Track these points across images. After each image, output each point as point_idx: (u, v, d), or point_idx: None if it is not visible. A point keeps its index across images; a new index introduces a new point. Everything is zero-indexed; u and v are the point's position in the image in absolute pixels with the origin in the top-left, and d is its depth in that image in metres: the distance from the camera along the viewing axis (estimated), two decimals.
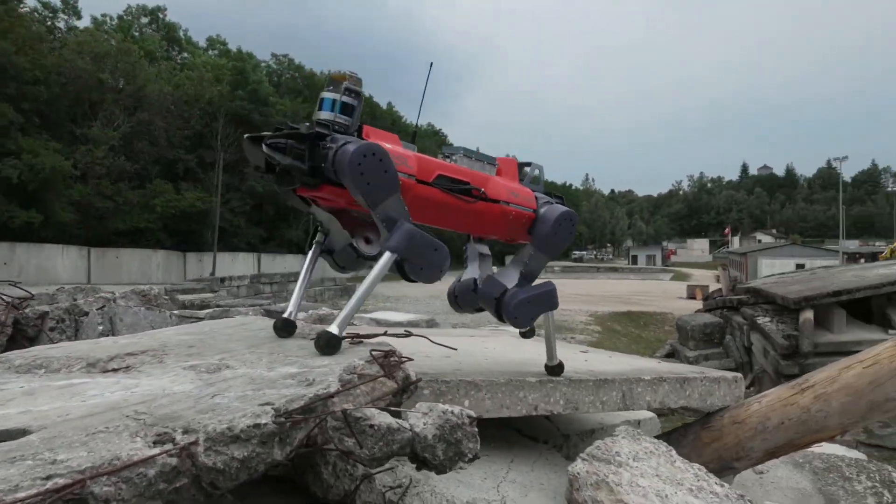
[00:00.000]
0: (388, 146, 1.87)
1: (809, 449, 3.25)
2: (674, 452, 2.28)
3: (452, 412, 1.39)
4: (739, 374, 2.77)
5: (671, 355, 16.40)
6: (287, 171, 1.79)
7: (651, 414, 3.70)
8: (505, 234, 2.22)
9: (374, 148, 1.77)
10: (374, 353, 1.61)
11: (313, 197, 1.90)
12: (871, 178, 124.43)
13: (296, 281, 2.10)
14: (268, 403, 1.31)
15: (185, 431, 1.19)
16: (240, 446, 1.19)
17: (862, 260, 29.43)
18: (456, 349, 2.51)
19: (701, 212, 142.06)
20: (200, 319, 4.30)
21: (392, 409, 1.45)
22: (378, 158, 1.77)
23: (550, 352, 2.42)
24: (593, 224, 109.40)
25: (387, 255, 1.79)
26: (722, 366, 14.82)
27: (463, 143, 2.36)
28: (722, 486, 2.12)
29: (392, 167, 1.80)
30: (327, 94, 1.89)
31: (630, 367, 2.87)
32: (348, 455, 1.34)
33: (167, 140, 36.90)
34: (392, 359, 1.65)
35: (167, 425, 1.21)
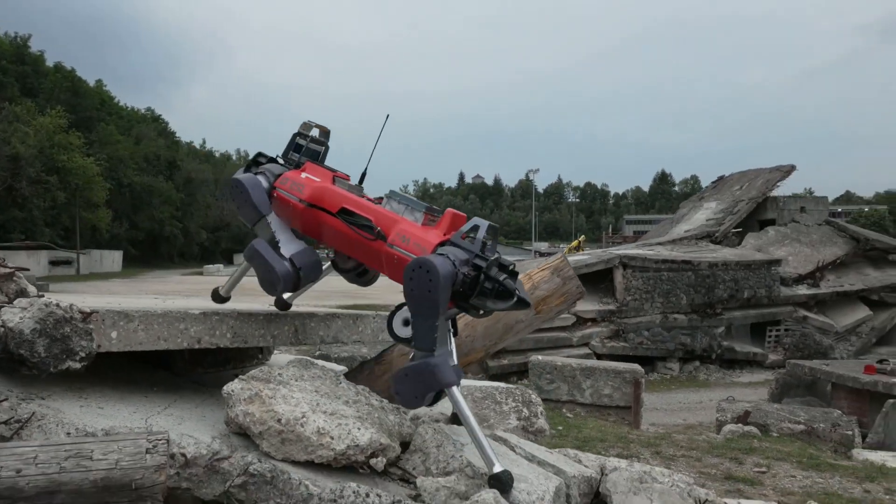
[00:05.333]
0: (303, 177, 2.34)
1: (473, 384, 3.71)
2: (342, 377, 2.41)
3: (58, 305, 1.27)
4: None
5: None
6: None
7: (344, 368, 3.85)
8: (398, 279, 2.08)
9: (237, 182, 2.34)
10: None
11: None
12: (557, 191, 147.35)
13: None
14: None
15: None
16: None
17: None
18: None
19: None
20: None
21: None
22: (239, 190, 2.33)
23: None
24: None
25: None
26: None
27: (185, 134, 2.49)
28: (380, 401, 2.30)
29: (253, 199, 2.30)
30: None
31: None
32: None
33: None
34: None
35: None
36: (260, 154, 2.51)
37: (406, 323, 2.14)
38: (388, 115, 2.51)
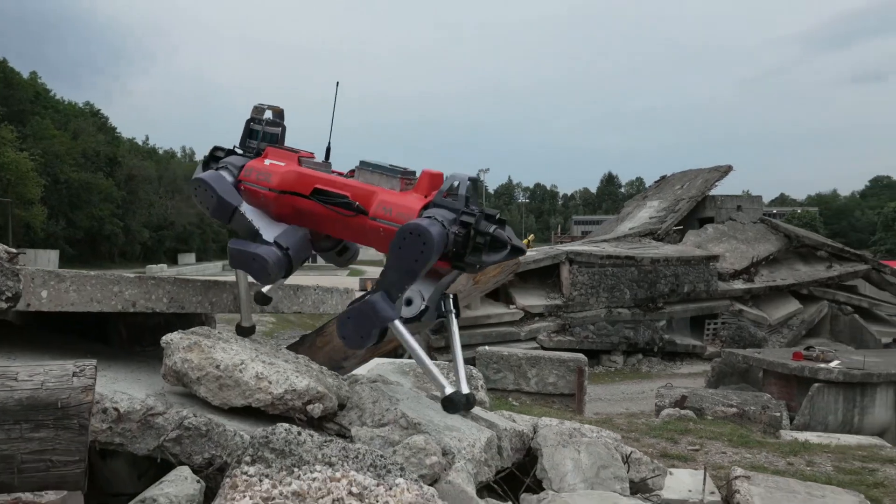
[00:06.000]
0: (267, 164, 2.25)
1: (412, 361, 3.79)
2: (283, 346, 2.44)
3: None
4: (351, 287, 3.09)
5: None
6: None
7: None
8: (386, 251, 2.02)
9: (198, 182, 2.22)
10: None
11: None
12: (507, 191, 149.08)
13: None
14: None
15: None
16: None
17: None
18: None
19: None
20: None
21: None
22: (203, 189, 2.22)
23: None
24: None
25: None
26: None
27: (126, 130, 2.35)
28: (319, 367, 2.34)
29: (220, 194, 2.19)
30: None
31: None
32: None
33: None
34: None
35: None
36: (216, 148, 2.41)
37: (408, 302, 2.04)
38: (338, 83, 2.43)
